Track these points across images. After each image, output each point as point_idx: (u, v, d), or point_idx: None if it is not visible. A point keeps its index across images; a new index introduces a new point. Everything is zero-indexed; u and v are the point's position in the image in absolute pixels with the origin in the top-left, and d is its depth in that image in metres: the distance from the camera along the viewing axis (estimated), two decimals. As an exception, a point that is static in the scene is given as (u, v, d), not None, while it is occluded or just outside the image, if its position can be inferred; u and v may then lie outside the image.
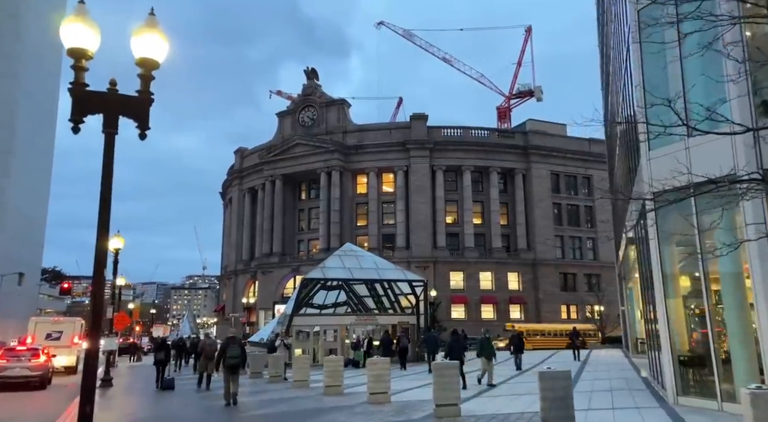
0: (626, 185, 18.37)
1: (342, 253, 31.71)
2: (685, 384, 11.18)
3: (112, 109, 6.26)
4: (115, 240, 20.90)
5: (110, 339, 22.63)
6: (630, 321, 28.62)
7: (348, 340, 29.97)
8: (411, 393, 14.87)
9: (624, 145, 18.40)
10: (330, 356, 15.56)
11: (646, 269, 13.44)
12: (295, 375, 17.40)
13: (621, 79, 17.40)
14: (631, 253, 18.63)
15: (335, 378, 14.69)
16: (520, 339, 23.62)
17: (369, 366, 12.53)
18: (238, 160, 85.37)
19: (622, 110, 17.94)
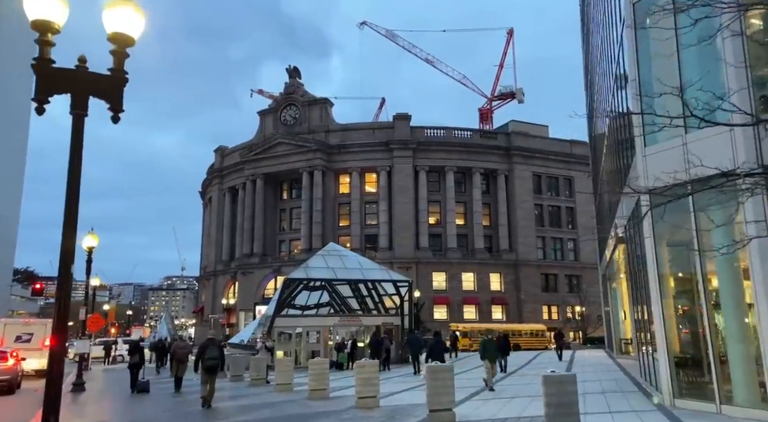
0: (616, 184, 18.18)
1: (326, 253, 31.11)
2: (681, 386, 10.92)
3: (81, 89, 5.68)
4: (89, 238, 19.97)
5: (83, 341, 21.67)
6: (614, 322, 28.57)
7: (331, 342, 29.40)
8: (400, 396, 14.37)
9: (613, 143, 18.21)
10: (315, 358, 14.98)
11: (639, 268, 13.19)
12: (278, 379, 16.70)
13: (610, 76, 17.18)
14: (620, 253, 18.44)
15: (320, 382, 14.11)
16: (506, 340, 23.19)
17: (357, 369, 12.00)
18: (218, 158, 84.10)
19: (612, 107, 17.73)
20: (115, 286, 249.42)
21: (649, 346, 13.15)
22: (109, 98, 5.70)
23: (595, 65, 28.93)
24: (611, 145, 19.07)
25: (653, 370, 12.50)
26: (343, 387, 16.70)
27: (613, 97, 17.08)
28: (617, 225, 16.19)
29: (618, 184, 17.67)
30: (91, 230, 20.09)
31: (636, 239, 13.89)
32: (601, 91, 23.33)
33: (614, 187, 19.28)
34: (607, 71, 18.95)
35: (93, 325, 26.05)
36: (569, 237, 74.47)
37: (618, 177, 17.67)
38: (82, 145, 5.63)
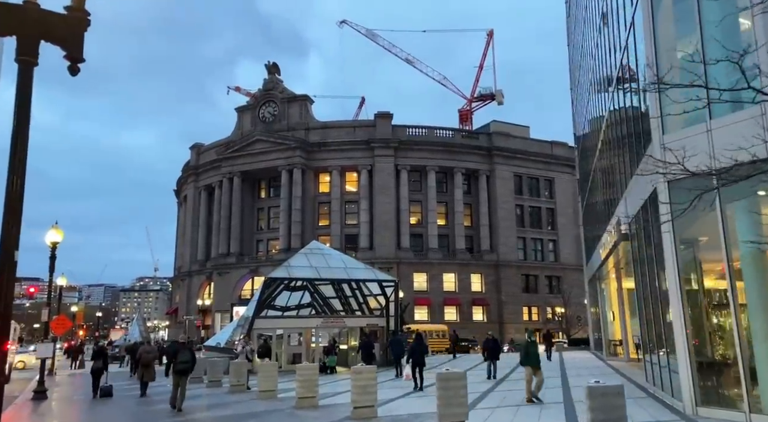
0: (613, 182, 17.43)
1: (308, 251, 29.84)
2: (705, 393, 10.11)
3: (29, 30, 4.48)
4: (53, 232, 18.37)
5: (45, 344, 20.00)
6: (603, 323, 27.99)
7: (314, 344, 28.20)
8: (396, 404, 13.22)
9: (613, 140, 17.47)
10: (303, 363, 13.77)
11: (652, 266, 12.38)
12: (261, 385, 15.38)
13: (612, 67, 16.40)
14: (620, 252, 17.72)
15: (309, 389, 12.91)
16: (496, 342, 21.48)
17: (354, 376, 10.88)
18: (194, 156, 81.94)
19: (612, 102, 16.96)
20: (85, 287, 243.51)
21: (660, 349, 12.35)
22: (65, 43, 4.50)
23: (583, 63, 28.36)
24: (610, 142, 18.35)
25: (667, 375, 11.69)
26: (332, 393, 15.55)
27: (614, 90, 16.32)
28: (620, 222, 15.45)
29: (618, 181, 16.93)
30: (55, 224, 18.50)
31: (644, 236, 13.10)
32: (593, 88, 22.69)
33: (612, 185, 18.57)
34: (605, 64, 18.22)
35: (58, 327, 24.39)
36: (549, 238, 74.45)
37: (618, 174, 16.94)
38: (30, 101, 4.44)
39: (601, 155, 21.49)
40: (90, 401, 17.82)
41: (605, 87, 19.00)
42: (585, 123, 30.00)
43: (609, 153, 19.08)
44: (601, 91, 20.69)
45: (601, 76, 19.64)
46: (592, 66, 22.42)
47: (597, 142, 22.88)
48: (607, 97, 18.39)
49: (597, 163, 23.37)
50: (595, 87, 22.48)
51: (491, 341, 21.50)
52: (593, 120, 24.40)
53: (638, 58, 12.24)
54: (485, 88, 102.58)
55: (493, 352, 20.85)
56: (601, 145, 21.28)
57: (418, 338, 19.68)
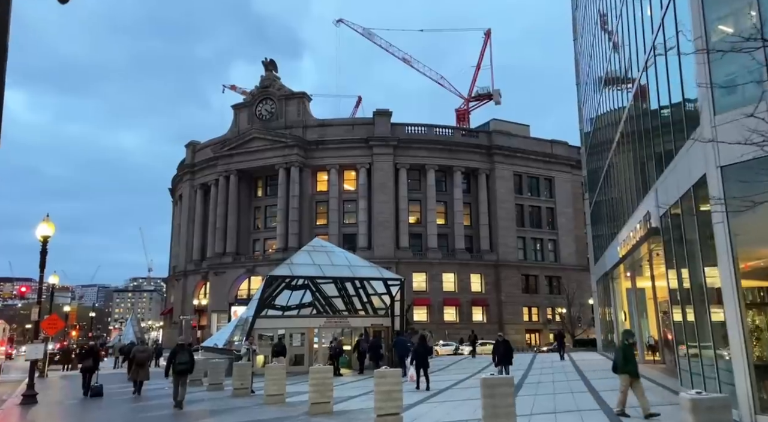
0: (642, 170, 16.54)
1: (311, 249, 28.81)
2: (765, 400, 9.21)
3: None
4: (44, 226, 17.21)
5: (35, 345, 18.84)
6: (616, 324, 27.12)
7: (317, 345, 27.18)
8: (420, 410, 12.11)
9: (642, 127, 16.58)
10: (317, 365, 12.74)
11: (694, 261, 11.49)
12: (269, 389, 14.30)
13: (641, 49, 15.51)
14: (645, 248, 16.84)
15: (323, 393, 11.89)
16: (508, 345, 19.49)
17: (377, 380, 9.88)
18: (189, 154, 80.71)
19: (637, 87, 16.07)
20: (78, 288, 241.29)
21: (704, 352, 11.46)
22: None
23: (596, 55, 27.53)
24: (634, 133, 17.46)
25: (713, 381, 10.79)
26: (345, 397, 14.54)
27: (642, 75, 15.44)
28: (649, 216, 14.57)
29: (644, 173, 16.06)
30: (46, 217, 17.38)
31: (684, 229, 12.19)
32: (610, 80, 21.82)
33: (636, 178, 17.68)
34: (629, 51, 17.35)
35: (50, 328, 23.30)
36: (549, 237, 73.76)
37: (644, 167, 16.05)
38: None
39: (620, 148, 20.62)
40: (82, 405, 16.92)
41: (627, 75, 18.14)
42: (595, 118, 29.17)
43: (631, 146, 18.21)
44: (620, 81, 19.85)
45: (622, 65, 18.79)
46: (610, 56, 21.58)
47: (613, 136, 22.03)
48: (630, 86, 17.53)
49: (613, 157, 22.50)
50: (613, 78, 21.63)
51: (502, 343, 19.64)
52: (608, 113, 23.55)
53: (677, 33, 11.35)
54: (482, 87, 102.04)
55: (505, 356, 18.97)
56: (619, 137, 20.42)
57: (421, 339, 19.93)
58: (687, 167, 11.20)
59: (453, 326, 65.09)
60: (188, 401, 16.00)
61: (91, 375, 19.41)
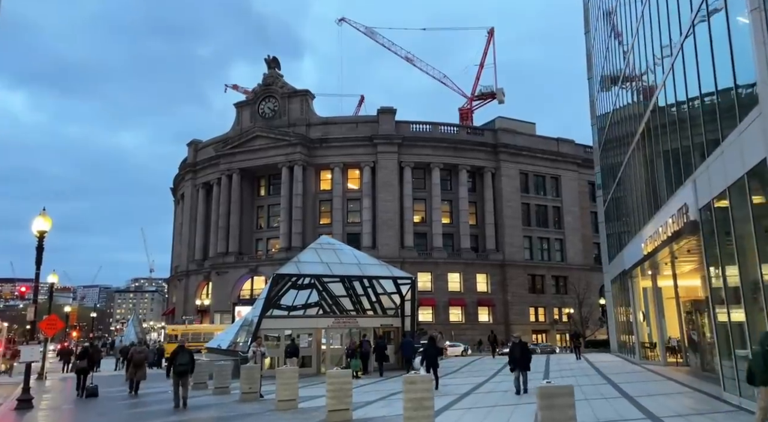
0: (674, 162, 15.59)
1: (318, 246, 27.86)
2: None
3: None
4: (40, 220, 16.19)
5: (31, 346, 17.77)
6: (636, 324, 26.17)
7: (325, 346, 26.24)
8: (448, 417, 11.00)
9: (674, 117, 15.63)
10: (335, 369, 11.76)
11: (746, 257, 10.55)
12: (281, 393, 13.20)
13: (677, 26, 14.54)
14: (677, 245, 15.90)
15: (341, 400, 10.91)
16: (525, 349, 16.44)
17: (407, 386, 8.94)
18: (191, 153, 79.86)
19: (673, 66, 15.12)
20: (80, 288, 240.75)
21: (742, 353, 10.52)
22: None
23: (613, 47, 26.62)
24: (665, 125, 16.49)
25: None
26: (362, 403, 13.52)
27: (677, 57, 14.48)
28: (686, 209, 13.63)
29: (677, 165, 15.11)
30: (43, 210, 16.41)
31: (732, 222, 11.23)
32: (632, 70, 20.87)
33: (665, 171, 16.75)
34: (661, 36, 16.41)
35: (49, 328, 22.40)
36: (556, 237, 72.79)
37: (678, 158, 15.11)
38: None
39: (645, 141, 19.66)
40: (80, 410, 16.06)
41: (655, 64, 17.21)
42: (611, 112, 28.24)
43: (659, 138, 17.26)
44: (645, 71, 18.93)
45: (650, 53, 17.85)
46: (633, 44, 20.64)
47: (635, 129, 21.10)
48: (658, 75, 16.61)
49: (635, 151, 21.54)
50: (636, 68, 20.71)
51: (519, 346, 16.85)
52: (629, 106, 22.63)
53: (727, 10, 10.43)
54: (486, 86, 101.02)
55: (522, 360, 16.27)
56: (644, 129, 19.47)
57: (430, 340, 20.17)
58: (739, 153, 10.29)
59: (459, 327, 64.17)
60: (194, 406, 15.11)
61: (86, 376, 19.58)
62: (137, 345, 27.37)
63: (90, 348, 21.73)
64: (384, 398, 15.17)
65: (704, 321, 19.45)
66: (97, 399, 18.58)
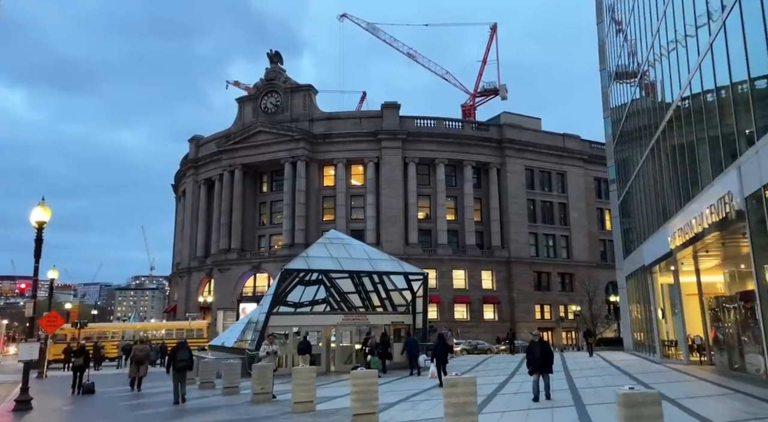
0: (711, 148, 14.72)
1: (327, 241, 26.96)
2: None
3: None
4: (39, 210, 15.25)
5: (29, 344, 16.52)
6: (656, 321, 25.32)
7: (334, 344, 25.38)
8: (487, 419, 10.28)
9: (714, 100, 14.75)
10: (358, 369, 10.87)
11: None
12: (297, 395, 12.15)
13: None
14: (707, 238, 15.04)
15: (367, 402, 10.01)
16: (545, 348, 14.13)
17: (448, 389, 8.09)
18: (192, 149, 78.93)
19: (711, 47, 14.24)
20: (80, 286, 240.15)
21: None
22: None
23: (632, 32, 25.74)
24: (701, 111, 15.62)
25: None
26: (384, 405, 12.52)
27: (710, 39, 13.62)
28: (730, 197, 12.77)
29: (714, 151, 14.26)
30: (42, 200, 15.51)
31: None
32: (660, 50, 19.98)
33: (700, 160, 15.89)
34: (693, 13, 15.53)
35: (49, 325, 21.59)
36: (562, 233, 71.94)
37: (716, 143, 14.26)
38: None
39: (673, 131, 18.76)
40: (82, 412, 15.30)
41: (689, 43, 16.31)
42: (629, 103, 27.36)
43: (693, 126, 16.36)
44: (675, 54, 18.04)
45: (681, 35, 16.98)
46: (659, 26, 19.74)
47: (662, 117, 20.23)
48: (694, 55, 15.70)
49: (661, 140, 20.65)
50: (662, 52, 19.82)
51: (539, 345, 14.21)
52: (653, 93, 21.75)
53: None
54: (489, 82, 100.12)
55: (543, 362, 13.75)
56: (672, 116, 18.59)
57: (440, 338, 20.34)
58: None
59: (464, 324, 63.37)
60: (203, 407, 14.30)
61: (82, 373, 20.06)
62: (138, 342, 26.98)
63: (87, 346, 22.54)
64: (406, 399, 14.28)
65: (731, 319, 18.63)
66: (98, 399, 17.94)
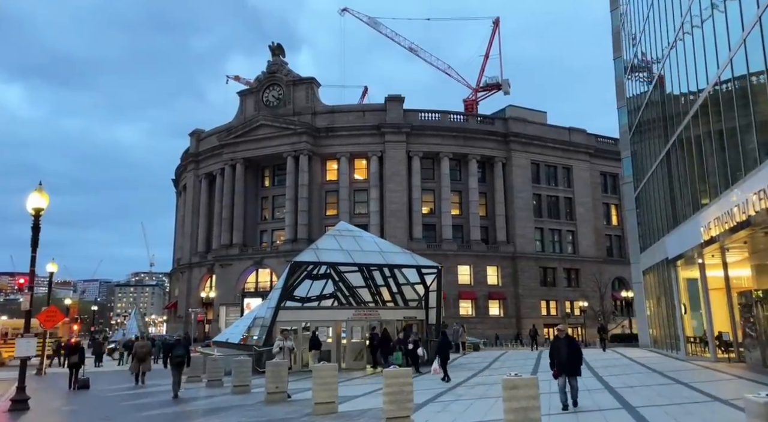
0: (758, 132, 13.71)
1: (337, 233, 25.89)
2: None
3: None
4: (35, 196, 14.20)
5: (26, 339, 15.30)
6: (678, 317, 24.37)
7: (345, 340, 24.39)
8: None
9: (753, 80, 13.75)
10: (391, 368, 9.82)
11: None
12: (318, 395, 11.19)
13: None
14: (740, 232, 14.06)
15: (402, 405, 8.93)
16: (573, 346, 11.92)
17: (508, 393, 7.07)
18: (193, 143, 77.89)
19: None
20: (80, 283, 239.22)
21: None
22: None
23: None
24: (745, 87, 14.62)
25: None
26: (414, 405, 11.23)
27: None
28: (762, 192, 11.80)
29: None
30: (39, 185, 14.43)
31: None
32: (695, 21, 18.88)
33: (742, 145, 14.90)
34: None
35: (48, 320, 20.61)
36: (568, 228, 71.02)
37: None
38: None
39: (709, 115, 17.70)
40: (83, 412, 14.35)
41: (725, 12, 15.25)
42: (650, 89, 26.34)
43: (737, 110, 15.34)
44: (710, 30, 17.00)
45: (719, 12, 15.97)
46: (689, 5, 18.68)
47: (693, 101, 19.22)
48: (737, 30, 14.67)
49: (692, 126, 19.62)
50: (690, 32, 18.79)
51: (564, 342, 11.84)
52: (682, 76, 20.72)
53: None
54: (491, 77, 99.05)
55: (571, 362, 11.48)
56: (707, 100, 17.57)
57: (443, 335, 20.57)
58: None
59: (469, 320, 62.37)
60: (214, 409, 13.33)
61: (78, 370, 20.56)
62: (140, 339, 26.35)
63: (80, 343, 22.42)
64: (433, 400, 13.17)
65: (765, 314, 17.72)
66: (100, 398, 17.21)
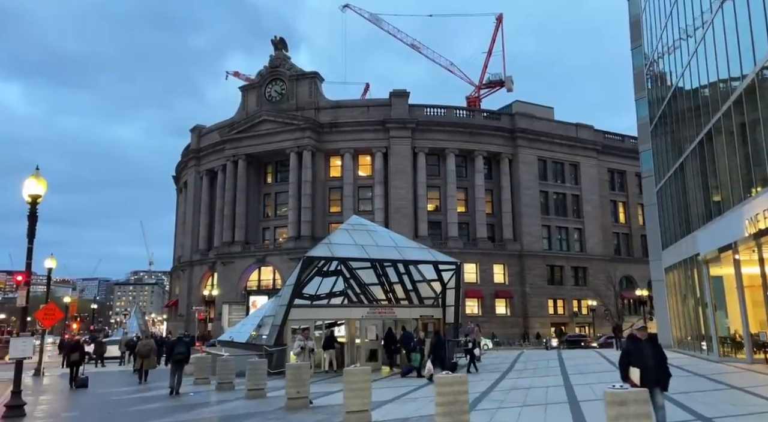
0: None
1: (350, 227, 24.65)
2: None
3: None
4: (32, 182, 13.02)
5: (21, 339, 14.03)
6: (711, 316, 23.21)
7: (359, 340, 23.21)
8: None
9: None
10: (443, 374, 8.57)
11: None
12: (350, 402, 9.68)
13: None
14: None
15: (457, 417, 7.71)
16: (660, 352, 8.72)
17: (616, 407, 5.97)
18: (194, 139, 76.61)
19: None
20: (79, 281, 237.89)
21: None
22: None
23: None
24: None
25: None
26: None
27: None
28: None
29: None
30: (36, 170, 13.20)
31: None
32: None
33: None
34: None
35: (47, 319, 19.45)
36: (575, 226, 69.88)
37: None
38: None
39: (756, 102, 16.51)
40: (84, 420, 13.12)
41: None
42: (680, 77, 25.18)
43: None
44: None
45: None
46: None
47: (732, 87, 18.07)
48: None
49: (731, 116, 18.46)
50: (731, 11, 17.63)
51: (649, 345, 8.74)
52: (718, 61, 19.58)
53: None
54: (494, 74, 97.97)
55: (660, 371, 8.47)
56: (753, 85, 16.41)
57: (437, 335, 20.67)
58: None
59: (475, 319, 61.26)
60: (229, 416, 12.15)
61: (78, 368, 20.72)
62: (142, 337, 25.44)
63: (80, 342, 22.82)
64: (473, 407, 11.90)
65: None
66: (103, 402, 16.27)
